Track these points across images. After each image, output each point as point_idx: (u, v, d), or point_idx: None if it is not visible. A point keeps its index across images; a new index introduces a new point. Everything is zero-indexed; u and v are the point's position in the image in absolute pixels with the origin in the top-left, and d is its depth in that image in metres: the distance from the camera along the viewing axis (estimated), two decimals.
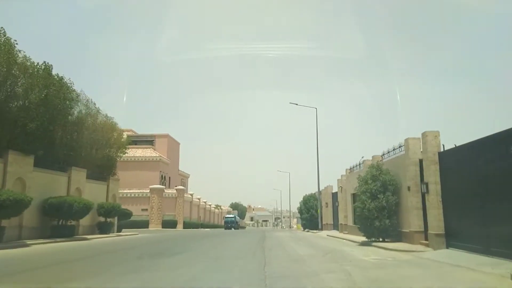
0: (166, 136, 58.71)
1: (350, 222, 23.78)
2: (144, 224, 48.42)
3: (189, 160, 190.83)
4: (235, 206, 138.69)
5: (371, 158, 19.68)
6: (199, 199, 65.72)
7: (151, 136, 58.54)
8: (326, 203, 32.15)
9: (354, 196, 22.88)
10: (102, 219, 25.66)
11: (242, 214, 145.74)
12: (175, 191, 51.68)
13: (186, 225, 51.93)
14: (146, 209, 49.44)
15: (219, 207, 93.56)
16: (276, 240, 22.11)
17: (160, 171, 54.32)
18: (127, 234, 27.96)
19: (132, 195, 49.88)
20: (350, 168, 24.27)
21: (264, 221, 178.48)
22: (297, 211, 45.81)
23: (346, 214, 25.28)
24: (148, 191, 49.98)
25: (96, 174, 27.06)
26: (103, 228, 25.37)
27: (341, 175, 26.80)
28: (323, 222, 33.92)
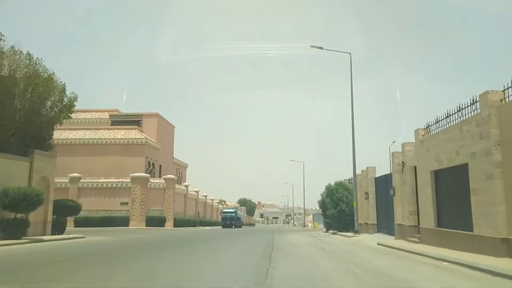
0: (156, 115, 48.76)
1: (428, 221, 13.34)
2: (123, 222, 38.59)
3: (196, 157, 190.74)
4: (243, 202, 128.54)
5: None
6: (197, 192, 55.68)
7: (138, 115, 48.67)
8: (366, 194, 21.67)
9: (438, 174, 12.50)
10: (11, 214, 15.77)
11: (251, 211, 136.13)
12: (163, 181, 41.72)
13: (178, 223, 42.00)
14: (127, 203, 39.61)
15: (223, 202, 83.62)
16: (294, 253, 11.96)
17: (147, 157, 44.43)
18: (59, 239, 17.97)
19: (109, 185, 40.06)
20: (427, 127, 13.63)
21: (274, 218, 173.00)
22: (317, 205, 35.21)
23: (415, 209, 14.87)
24: (129, 180, 40.13)
25: (18, 148, 17.39)
26: (8, 229, 15.45)
27: (403, 144, 16.06)
28: (359, 221, 23.66)
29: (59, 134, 43.92)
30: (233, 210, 53.29)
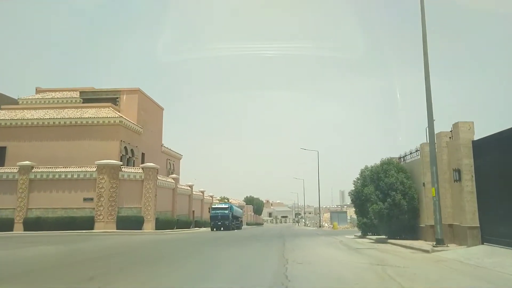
0: (136, 91, 39.44)
1: None
2: (86, 223, 29.44)
3: (201, 157, 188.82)
4: (249, 200, 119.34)
5: None
6: (190, 186, 46.36)
7: (114, 91, 39.42)
8: (456, 172, 11.61)
9: None
10: None
11: (258, 210, 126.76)
12: (140, 171, 32.43)
13: (162, 224, 32.77)
14: (91, 199, 30.38)
15: (225, 200, 74.22)
16: None
17: (122, 141, 35.13)
18: None
19: (69, 176, 30.85)
20: None
21: (283, 217, 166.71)
22: (331, 203, 25.44)
23: None
24: (95, 169, 30.89)
25: None
26: None
27: None
28: (424, 222, 14.14)
29: (13, 115, 34.90)
30: (226, 206, 39.38)
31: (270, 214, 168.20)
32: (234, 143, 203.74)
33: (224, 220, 37.15)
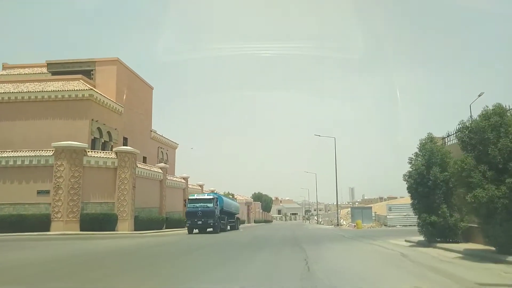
0: (115, 61, 32.24)
1: None
2: (41, 223, 22.49)
3: (208, 155, 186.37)
4: (258, 197, 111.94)
5: None
6: (185, 179, 39.27)
7: (88, 62, 32.30)
8: None
9: None
10: None
11: (267, 206, 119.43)
12: (112, 156, 25.35)
13: (145, 223, 25.85)
14: (47, 192, 23.38)
15: (230, 196, 67.01)
16: None
17: (93, 120, 28.02)
18: None
19: (18, 162, 23.87)
20: None
21: (292, 214, 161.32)
22: (349, 195, 17.93)
23: None
24: (51, 154, 23.88)
25: None
26: None
27: None
28: None
29: None
30: (210, 196, 25.70)
31: (279, 211, 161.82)
32: (242, 141, 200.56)
33: (207, 217, 23.94)
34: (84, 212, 23.43)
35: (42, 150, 23.89)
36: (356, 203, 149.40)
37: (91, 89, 27.92)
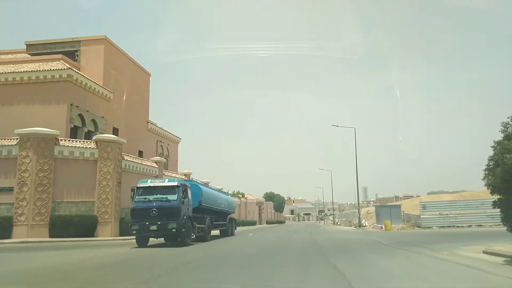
0: (102, 40, 27.98)
1: None
2: (1, 227, 18.23)
3: (217, 156, 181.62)
4: (270, 197, 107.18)
5: None
6: (186, 175, 34.84)
7: (72, 42, 28.09)
8: None
9: None
10: None
11: (279, 207, 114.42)
12: (91, 146, 20.99)
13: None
14: (10, 189, 19.11)
15: (239, 195, 62.44)
16: None
17: (73, 105, 23.73)
18: None
19: None
20: None
21: (305, 214, 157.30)
22: (362, 195, 12.41)
23: None
24: (15, 143, 19.63)
25: None
26: None
27: None
28: None
29: None
30: (172, 183, 15.08)
31: (292, 212, 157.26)
32: (250, 142, 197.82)
33: (167, 218, 14.29)
34: (55, 213, 19.12)
35: (4, 139, 19.65)
36: (371, 202, 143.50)
37: (69, 68, 23.62)
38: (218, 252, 12.70)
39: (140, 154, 31.42)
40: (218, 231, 22.33)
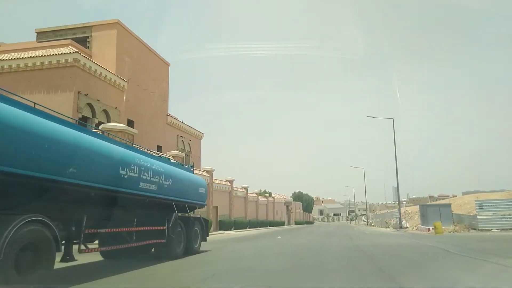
0: (115, 24, 25.76)
1: None
2: None
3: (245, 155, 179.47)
4: (298, 197, 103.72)
5: None
6: (208, 172, 32.26)
7: (83, 28, 26.05)
8: None
9: None
10: None
11: (308, 207, 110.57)
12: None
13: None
14: None
15: (266, 195, 59.41)
16: None
17: (80, 93, 21.48)
18: None
19: None
20: None
21: (335, 214, 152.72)
22: (392, 195, 9.62)
23: None
24: None
25: None
26: None
27: None
28: None
29: None
30: None
31: (321, 212, 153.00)
32: (280, 141, 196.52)
33: None
34: None
35: None
36: (403, 202, 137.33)
37: (76, 52, 21.39)
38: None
39: (159, 149, 29.06)
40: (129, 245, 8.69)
